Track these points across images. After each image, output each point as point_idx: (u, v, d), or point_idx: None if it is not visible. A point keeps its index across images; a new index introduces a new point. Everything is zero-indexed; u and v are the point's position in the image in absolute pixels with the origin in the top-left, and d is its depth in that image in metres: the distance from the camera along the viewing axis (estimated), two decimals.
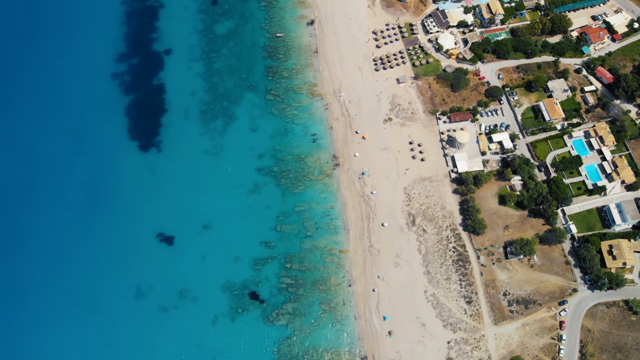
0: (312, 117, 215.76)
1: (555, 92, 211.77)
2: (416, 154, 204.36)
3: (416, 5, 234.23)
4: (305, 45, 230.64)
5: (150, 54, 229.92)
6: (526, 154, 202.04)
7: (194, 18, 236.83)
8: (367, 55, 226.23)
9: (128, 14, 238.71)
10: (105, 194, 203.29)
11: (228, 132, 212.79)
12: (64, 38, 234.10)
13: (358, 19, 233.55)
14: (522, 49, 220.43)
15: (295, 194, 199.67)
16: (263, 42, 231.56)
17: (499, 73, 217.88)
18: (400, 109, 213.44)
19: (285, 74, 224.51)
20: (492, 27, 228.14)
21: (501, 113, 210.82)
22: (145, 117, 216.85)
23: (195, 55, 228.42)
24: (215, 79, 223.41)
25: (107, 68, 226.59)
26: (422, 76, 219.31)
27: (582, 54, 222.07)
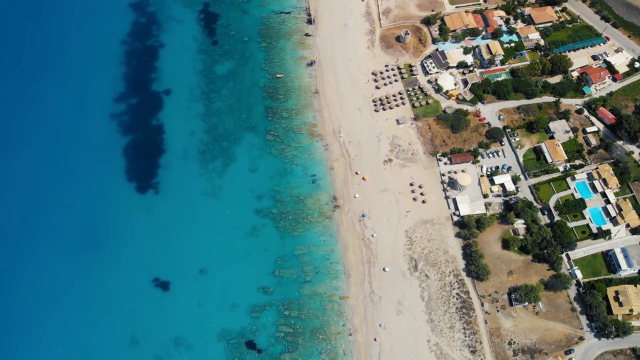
0: (312, 158, 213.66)
1: (557, 133, 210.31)
2: (417, 195, 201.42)
3: (415, 46, 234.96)
4: (305, 86, 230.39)
5: (150, 94, 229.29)
6: (529, 197, 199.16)
7: (194, 58, 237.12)
8: (367, 96, 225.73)
9: (128, 54, 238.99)
10: (100, 237, 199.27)
11: (227, 173, 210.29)
12: (64, 77, 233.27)
13: (357, 60, 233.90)
14: (522, 90, 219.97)
15: (295, 236, 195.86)
16: (263, 83, 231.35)
17: (500, 114, 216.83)
18: (400, 150, 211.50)
19: (285, 115, 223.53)
20: (492, 68, 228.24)
21: (502, 154, 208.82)
22: (143, 158, 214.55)
23: (195, 95, 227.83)
24: (215, 120, 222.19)
25: (106, 108, 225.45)
26: (422, 117, 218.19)
27: (583, 94, 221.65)
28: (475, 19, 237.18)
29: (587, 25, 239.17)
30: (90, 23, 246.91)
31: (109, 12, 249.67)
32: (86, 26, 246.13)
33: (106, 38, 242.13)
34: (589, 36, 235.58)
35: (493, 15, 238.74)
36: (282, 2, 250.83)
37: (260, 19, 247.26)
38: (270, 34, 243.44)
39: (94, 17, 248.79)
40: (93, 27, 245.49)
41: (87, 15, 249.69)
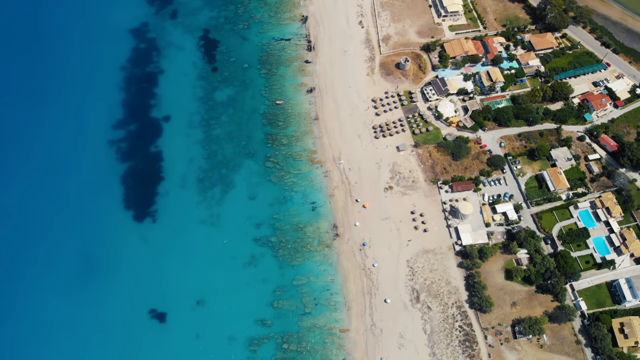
0: (312, 185, 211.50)
1: (559, 161, 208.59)
2: (418, 224, 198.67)
3: (415, 73, 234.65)
4: (305, 113, 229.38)
5: (149, 120, 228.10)
6: (531, 226, 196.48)
7: (193, 85, 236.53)
8: (367, 122, 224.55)
9: (127, 80, 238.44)
10: (96, 266, 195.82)
11: (225, 201, 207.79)
12: (61, 103, 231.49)
13: (357, 87, 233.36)
14: (523, 117, 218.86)
15: (294, 266, 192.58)
16: (263, 110, 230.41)
17: (501, 141, 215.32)
18: (400, 178, 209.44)
19: (284, 141, 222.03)
20: (492, 95, 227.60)
21: (504, 182, 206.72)
22: (141, 186, 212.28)
23: (195, 122, 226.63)
24: (214, 146, 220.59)
25: (105, 134, 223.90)
26: (423, 144, 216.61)
27: (585, 121, 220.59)
28: (475, 45, 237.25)
29: (587, 51, 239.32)
30: (90, 49, 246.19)
31: (109, 37, 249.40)
32: (85, 52, 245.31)
33: (105, 64, 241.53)
34: (590, 62, 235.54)
35: (493, 41, 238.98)
36: (282, 29, 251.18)
37: (260, 46, 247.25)
38: (271, 60, 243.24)
39: (93, 43, 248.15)
40: (92, 53, 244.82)
41: (86, 40, 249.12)
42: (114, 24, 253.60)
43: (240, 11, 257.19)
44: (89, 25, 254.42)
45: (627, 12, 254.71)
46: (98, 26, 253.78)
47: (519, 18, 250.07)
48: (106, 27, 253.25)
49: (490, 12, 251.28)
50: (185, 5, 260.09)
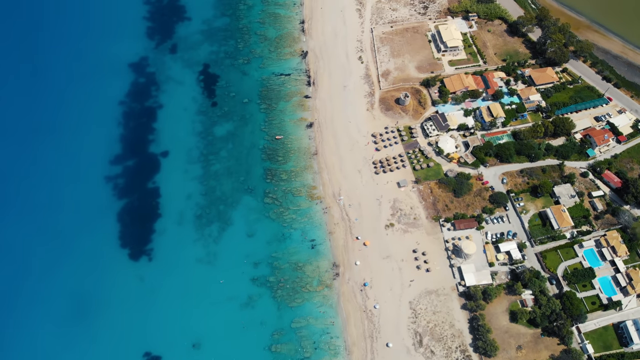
0: (311, 222, 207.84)
1: (563, 198, 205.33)
2: (421, 263, 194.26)
3: (415, 109, 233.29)
4: (304, 148, 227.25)
5: (147, 156, 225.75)
6: (536, 265, 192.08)
7: (193, 119, 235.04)
8: (367, 158, 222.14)
9: (126, 115, 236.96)
10: (90, 306, 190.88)
11: (223, 239, 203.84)
12: (59, 138, 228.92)
13: (357, 122, 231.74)
14: (525, 153, 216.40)
15: (292, 307, 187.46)
16: (262, 145, 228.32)
17: (503, 177, 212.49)
18: (402, 214, 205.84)
19: (284, 177, 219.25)
20: (493, 130, 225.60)
21: (507, 220, 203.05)
22: (138, 223, 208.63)
23: (193, 157, 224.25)
24: (213, 182, 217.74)
25: (102, 170, 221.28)
26: (423, 180, 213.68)
27: (588, 156, 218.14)
28: (475, 80, 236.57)
29: (588, 85, 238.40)
30: (88, 82, 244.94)
31: (108, 71, 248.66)
32: (84, 86, 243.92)
33: (104, 98, 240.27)
34: (591, 97, 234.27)
35: (493, 76, 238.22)
36: (282, 64, 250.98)
37: (260, 81, 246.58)
38: (270, 95, 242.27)
39: (92, 77, 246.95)
40: (91, 87, 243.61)
41: (85, 74, 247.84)
42: (113, 57, 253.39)
43: (240, 46, 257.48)
44: (89, 59, 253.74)
45: (627, 45, 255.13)
46: (97, 60, 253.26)
47: (519, 52, 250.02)
48: (105, 61, 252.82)
49: (490, 47, 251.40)
50: (185, 40, 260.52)
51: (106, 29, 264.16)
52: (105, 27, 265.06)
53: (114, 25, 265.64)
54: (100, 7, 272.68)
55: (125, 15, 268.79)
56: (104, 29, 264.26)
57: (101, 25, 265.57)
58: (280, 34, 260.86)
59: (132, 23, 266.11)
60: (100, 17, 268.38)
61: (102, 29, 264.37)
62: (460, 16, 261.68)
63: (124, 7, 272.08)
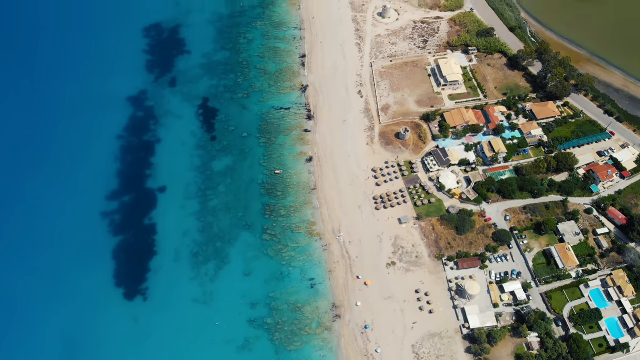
0: (311, 259, 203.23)
1: (567, 236, 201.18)
2: (423, 304, 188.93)
3: (415, 143, 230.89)
4: (304, 182, 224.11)
5: (144, 191, 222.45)
6: (541, 306, 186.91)
7: (191, 154, 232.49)
8: (367, 193, 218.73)
9: (123, 149, 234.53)
10: (83, 347, 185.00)
11: (220, 277, 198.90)
12: (54, 172, 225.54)
13: (357, 157, 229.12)
14: (528, 189, 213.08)
15: (291, 351, 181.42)
16: (261, 179, 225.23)
17: (506, 214, 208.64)
18: (403, 252, 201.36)
19: (283, 212, 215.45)
20: (495, 166, 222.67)
21: (511, 259, 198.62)
22: (133, 261, 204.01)
23: (191, 193, 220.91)
24: (210, 218, 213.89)
25: (98, 206, 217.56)
26: (425, 217, 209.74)
27: (591, 192, 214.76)
28: (475, 115, 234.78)
29: (590, 120, 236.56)
30: (86, 116, 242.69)
31: (106, 105, 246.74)
32: (81, 119, 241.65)
33: (102, 132, 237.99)
34: (594, 131, 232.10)
35: (494, 111, 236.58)
36: (282, 98, 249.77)
37: (260, 115, 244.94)
38: (270, 129, 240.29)
39: (90, 110, 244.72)
40: (89, 121, 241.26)
41: (83, 108, 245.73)
42: (112, 91, 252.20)
43: (240, 80, 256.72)
44: (87, 92, 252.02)
45: (629, 79, 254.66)
46: (96, 93, 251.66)
47: (520, 86, 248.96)
48: (104, 94, 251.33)
49: (490, 81, 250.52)
50: (185, 74, 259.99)
51: (105, 62, 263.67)
52: (105, 59, 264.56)
53: (113, 58, 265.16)
54: (99, 39, 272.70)
55: (125, 48, 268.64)
56: (103, 62, 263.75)
57: (100, 58, 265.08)
58: (280, 68, 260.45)
59: (132, 56, 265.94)
60: (100, 50, 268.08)
61: (101, 62, 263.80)
62: (460, 50, 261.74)
63: (124, 40, 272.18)
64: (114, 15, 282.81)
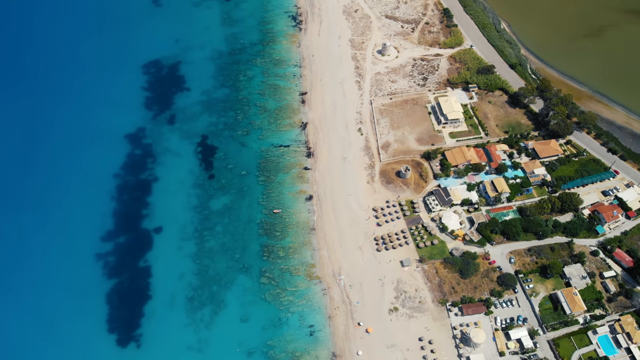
0: (310, 304, 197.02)
1: (573, 280, 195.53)
2: (427, 353, 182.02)
3: (416, 182, 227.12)
4: (303, 222, 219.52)
5: (140, 232, 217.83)
6: (548, 354, 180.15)
7: (189, 193, 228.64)
8: (368, 233, 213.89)
9: (120, 188, 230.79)
10: None
11: (215, 323, 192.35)
12: (48, 212, 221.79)
13: (357, 195, 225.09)
14: (532, 230, 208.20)
15: None
16: (260, 219, 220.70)
17: (510, 257, 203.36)
18: (406, 297, 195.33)
19: (281, 254, 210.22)
20: (498, 206, 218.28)
21: (517, 304, 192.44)
22: (127, 305, 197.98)
23: (187, 233, 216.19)
24: (207, 260, 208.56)
25: (92, 248, 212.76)
26: (428, 259, 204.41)
27: (597, 234, 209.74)
28: (477, 153, 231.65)
29: (594, 158, 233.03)
30: (83, 154, 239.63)
31: (104, 143, 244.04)
32: (78, 157, 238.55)
33: (98, 171, 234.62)
34: (597, 170, 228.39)
35: (496, 149, 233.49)
36: (282, 136, 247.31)
37: (259, 152, 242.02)
38: (269, 167, 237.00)
39: (86, 148, 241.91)
40: (85, 159, 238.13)
41: (79, 145, 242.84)
42: (110, 128, 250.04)
43: (239, 117, 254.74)
44: (85, 129, 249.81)
45: (631, 116, 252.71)
46: (94, 130, 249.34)
47: (521, 124, 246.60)
48: (102, 131, 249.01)
49: (491, 118, 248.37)
50: (184, 111, 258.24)
51: (104, 99, 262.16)
52: (103, 96, 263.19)
53: (111, 94, 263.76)
54: (98, 75, 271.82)
55: (124, 85, 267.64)
56: (102, 98, 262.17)
57: (99, 95, 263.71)
58: (280, 105, 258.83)
59: (130, 93, 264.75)
60: (98, 86, 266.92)
61: (99, 98, 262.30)
62: (460, 87, 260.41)
63: (122, 76, 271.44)
64: (113, 51, 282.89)
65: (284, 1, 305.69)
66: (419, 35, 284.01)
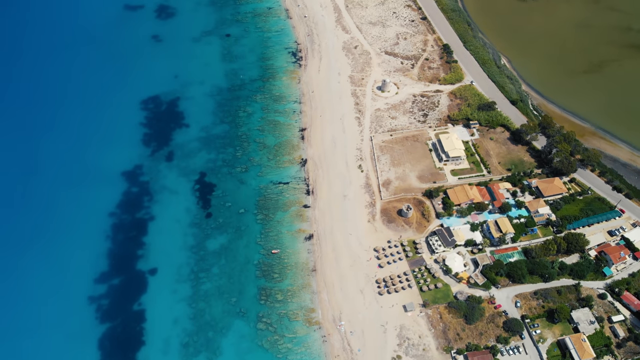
0: (309, 353, 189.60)
1: (581, 325, 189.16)
2: None
3: (419, 221, 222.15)
4: (302, 263, 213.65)
5: (134, 273, 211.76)
6: None
7: (185, 232, 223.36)
8: (369, 275, 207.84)
9: (115, 227, 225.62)
10: None
11: None
12: (41, 252, 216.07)
13: (358, 235, 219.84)
14: (538, 272, 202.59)
15: None
16: (257, 259, 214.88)
17: (516, 300, 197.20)
18: (410, 345, 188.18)
19: (279, 297, 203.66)
20: (503, 247, 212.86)
21: (524, 351, 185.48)
22: (120, 351, 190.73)
23: (183, 275, 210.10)
24: (202, 304, 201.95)
25: (85, 290, 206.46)
26: (432, 304, 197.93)
27: (604, 276, 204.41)
28: (480, 192, 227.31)
29: (599, 197, 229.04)
30: (79, 192, 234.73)
31: (100, 180, 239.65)
32: (73, 195, 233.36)
33: (94, 209, 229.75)
34: (603, 209, 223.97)
35: (499, 187, 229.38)
36: (281, 172, 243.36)
37: (257, 190, 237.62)
38: (268, 205, 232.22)
39: (82, 185, 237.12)
40: (81, 197, 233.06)
41: (75, 183, 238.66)
42: (107, 165, 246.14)
43: (238, 154, 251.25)
44: (81, 166, 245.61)
45: (635, 152, 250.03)
46: (90, 167, 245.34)
47: (524, 161, 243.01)
48: (99, 168, 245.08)
49: (493, 156, 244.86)
50: (182, 147, 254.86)
51: (102, 135, 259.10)
52: (101, 132, 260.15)
53: (109, 131, 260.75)
54: (96, 111, 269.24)
55: (122, 121, 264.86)
56: (100, 135, 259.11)
57: (97, 131, 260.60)
58: (279, 141, 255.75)
59: (129, 129, 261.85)
60: (96, 123, 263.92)
61: (97, 135, 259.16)
62: (461, 124, 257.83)
63: (121, 112, 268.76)
64: (112, 87, 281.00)
65: (284, 37, 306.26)
66: (419, 71, 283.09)
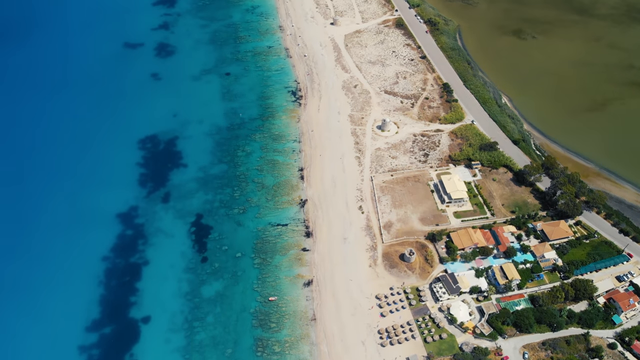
0: None
1: None
2: None
3: (422, 266, 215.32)
4: (301, 311, 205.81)
5: (127, 322, 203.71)
6: None
7: (179, 278, 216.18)
8: (371, 325, 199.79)
9: (108, 272, 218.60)
10: None
11: None
12: (31, 298, 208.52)
13: (359, 281, 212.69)
14: (546, 321, 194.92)
15: None
16: (254, 307, 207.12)
17: (524, 352, 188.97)
18: None
19: (276, 348, 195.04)
20: (509, 294, 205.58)
21: None
22: None
23: (177, 324, 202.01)
24: (196, 356, 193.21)
25: (75, 338, 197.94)
26: (437, 356, 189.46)
27: (614, 324, 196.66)
28: (484, 235, 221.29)
29: (605, 240, 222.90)
30: (71, 235, 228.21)
31: (94, 222, 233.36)
32: (65, 238, 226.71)
33: (86, 253, 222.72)
34: (610, 253, 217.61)
35: (503, 231, 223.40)
36: (280, 214, 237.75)
37: (255, 232, 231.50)
38: (266, 248, 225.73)
39: (75, 228, 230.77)
40: (74, 240, 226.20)
41: (68, 225, 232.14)
42: (101, 207, 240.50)
43: (236, 194, 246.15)
44: (74, 208, 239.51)
45: None
46: (84, 209, 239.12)
47: (528, 203, 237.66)
48: (92, 210, 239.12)
49: (496, 197, 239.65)
50: (179, 188, 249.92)
51: (96, 175, 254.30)
52: (96, 172, 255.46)
53: (105, 171, 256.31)
54: (92, 151, 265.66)
55: (118, 161, 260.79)
56: (94, 175, 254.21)
57: (91, 171, 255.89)
58: (278, 181, 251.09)
59: (124, 169, 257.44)
60: (91, 163, 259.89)
61: (92, 175, 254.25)
62: (463, 164, 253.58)
63: (117, 152, 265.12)
64: (109, 126, 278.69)
65: (284, 76, 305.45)
66: (419, 110, 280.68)
